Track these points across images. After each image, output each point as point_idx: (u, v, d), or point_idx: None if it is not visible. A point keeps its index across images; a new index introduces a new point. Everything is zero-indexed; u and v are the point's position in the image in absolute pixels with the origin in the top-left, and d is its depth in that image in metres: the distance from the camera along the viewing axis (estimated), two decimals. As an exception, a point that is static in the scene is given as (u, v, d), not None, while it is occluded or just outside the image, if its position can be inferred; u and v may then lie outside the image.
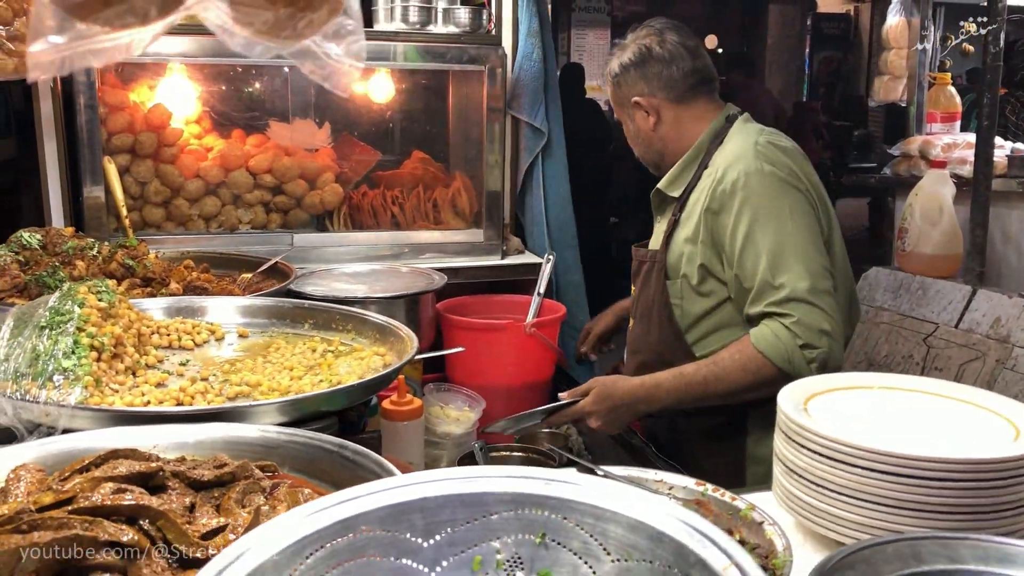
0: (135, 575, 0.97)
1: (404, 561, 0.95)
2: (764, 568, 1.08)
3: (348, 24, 0.83)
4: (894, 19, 4.85)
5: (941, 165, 4.13)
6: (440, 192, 3.42)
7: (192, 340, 1.99)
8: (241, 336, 2.08)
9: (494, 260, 3.29)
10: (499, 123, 3.24)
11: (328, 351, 1.96)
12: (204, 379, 1.74)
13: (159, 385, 1.70)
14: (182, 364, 1.85)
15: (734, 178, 2.13)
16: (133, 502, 1.02)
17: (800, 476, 1.18)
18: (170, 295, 2.33)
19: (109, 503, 1.01)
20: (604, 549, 0.93)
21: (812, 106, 9.66)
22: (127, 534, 0.98)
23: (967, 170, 4.25)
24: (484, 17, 3.28)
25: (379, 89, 3.50)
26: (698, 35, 2.50)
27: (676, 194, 2.33)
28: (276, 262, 2.75)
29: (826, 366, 1.94)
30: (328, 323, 2.11)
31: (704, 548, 0.86)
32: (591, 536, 0.94)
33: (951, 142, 4.51)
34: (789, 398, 1.26)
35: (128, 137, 2.97)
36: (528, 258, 3.37)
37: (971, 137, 4.31)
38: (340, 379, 1.74)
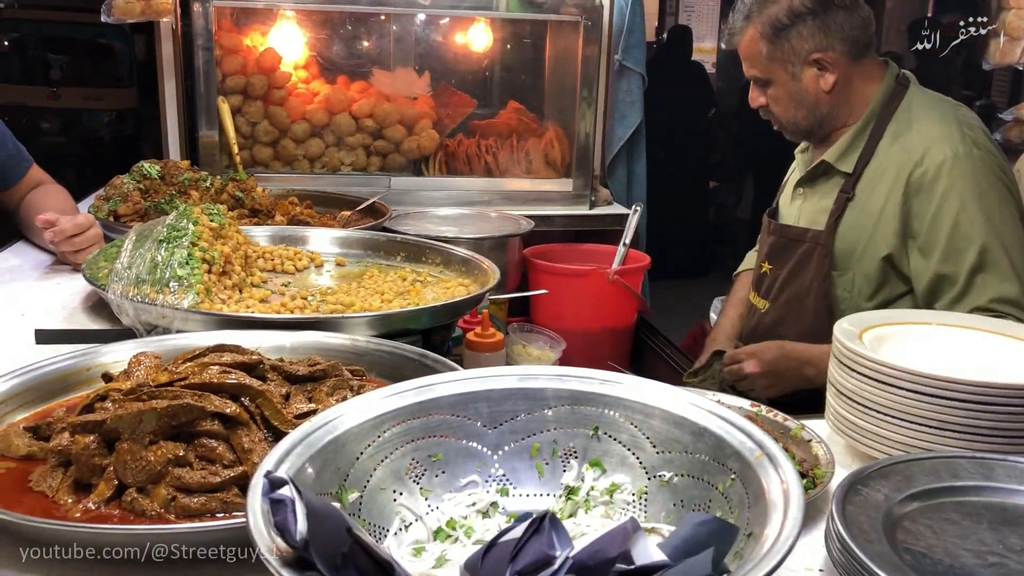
0: (236, 442, 1.10)
1: (470, 443, 1.06)
2: (804, 475, 1.15)
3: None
4: (1014, -22, 4.66)
5: (1053, 131, 3.99)
6: (533, 142, 3.50)
7: (294, 265, 2.14)
8: (339, 265, 2.22)
9: (582, 210, 3.37)
10: (593, 75, 3.29)
11: (417, 280, 2.08)
12: (303, 298, 1.89)
13: (262, 301, 1.85)
14: (284, 285, 2.00)
15: (940, 160, 1.88)
16: (236, 381, 1.15)
17: (849, 399, 1.24)
18: (275, 226, 2.49)
19: (216, 381, 1.15)
20: (650, 441, 1.02)
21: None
22: (230, 407, 1.12)
23: (1082, 137, 4.10)
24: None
25: (477, 39, 3.59)
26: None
27: (848, 169, 2.03)
28: (374, 202, 2.90)
29: None
30: (419, 256, 2.23)
31: (739, 440, 0.94)
32: (638, 430, 1.03)
33: (1067, 107, 4.34)
34: (846, 329, 1.31)
35: (241, 79, 3.15)
36: (616, 209, 3.43)
37: (1089, 102, 4.13)
38: (426, 303, 1.86)
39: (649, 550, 0.74)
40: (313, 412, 1.20)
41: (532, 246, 3.09)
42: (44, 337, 1.67)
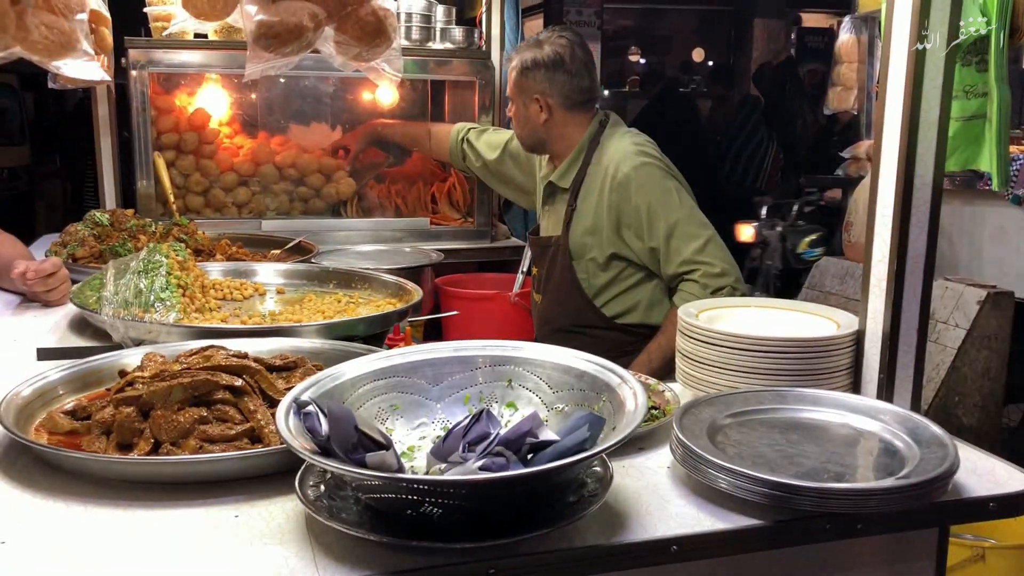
0: (244, 406, 1.48)
1: (419, 396, 1.47)
2: (657, 408, 1.61)
3: (394, 52, 1.38)
4: (845, 35, 5.39)
5: (882, 166, 4.65)
6: (438, 187, 3.95)
7: (241, 294, 2.50)
8: (279, 292, 2.59)
9: (484, 243, 3.82)
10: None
11: (350, 302, 2.47)
12: (258, 317, 2.25)
13: (223, 321, 2.21)
14: (236, 310, 2.37)
15: (626, 172, 2.64)
16: (239, 363, 1.53)
17: (691, 359, 1.70)
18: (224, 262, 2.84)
19: (224, 363, 1.52)
20: (547, 385, 1.45)
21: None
22: (237, 380, 1.50)
23: (906, 171, 4.79)
24: (476, 35, 3.82)
25: (384, 96, 4.03)
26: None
27: (566, 185, 2.82)
28: (299, 241, 3.27)
29: (734, 295, 2.47)
30: (349, 283, 2.62)
31: (607, 376, 1.38)
32: (539, 379, 1.46)
33: (894, 146, 5.03)
34: (688, 311, 1.79)
35: (174, 136, 3.50)
36: (513, 242, 3.90)
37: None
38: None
39: (547, 432, 1.17)
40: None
41: (442, 276, 3.52)
42: (45, 354, 1.99)
